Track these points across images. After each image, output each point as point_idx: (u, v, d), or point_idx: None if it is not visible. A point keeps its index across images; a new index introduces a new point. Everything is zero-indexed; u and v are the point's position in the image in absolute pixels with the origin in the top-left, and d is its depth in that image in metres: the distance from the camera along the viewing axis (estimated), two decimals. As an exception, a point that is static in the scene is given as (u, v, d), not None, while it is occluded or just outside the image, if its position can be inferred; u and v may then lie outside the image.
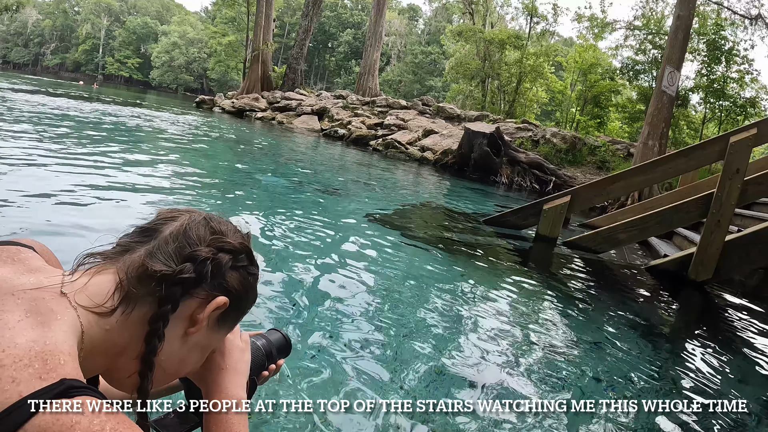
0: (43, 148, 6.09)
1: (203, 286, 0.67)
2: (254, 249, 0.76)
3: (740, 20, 19.25)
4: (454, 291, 3.59)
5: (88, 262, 0.65)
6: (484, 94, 27.28)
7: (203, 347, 0.72)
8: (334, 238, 4.54)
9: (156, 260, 0.64)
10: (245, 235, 0.75)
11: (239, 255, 0.71)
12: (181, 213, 0.71)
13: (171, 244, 0.66)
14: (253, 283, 0.74)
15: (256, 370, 0.82)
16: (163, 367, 0.67)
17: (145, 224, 0.70)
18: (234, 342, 0.78)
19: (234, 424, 0.71)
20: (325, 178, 8.65)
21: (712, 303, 5.01)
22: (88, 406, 0.50)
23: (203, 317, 0.67)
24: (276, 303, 2.78)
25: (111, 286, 0.62)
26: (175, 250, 0.66)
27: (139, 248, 0.66)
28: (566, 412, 2.20)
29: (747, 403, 2.63)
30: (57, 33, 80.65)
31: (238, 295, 0.71)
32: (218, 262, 0.67)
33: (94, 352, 0.61)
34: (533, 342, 2.94)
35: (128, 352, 0.64)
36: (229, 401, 0.73)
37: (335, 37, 63.86)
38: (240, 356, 0.78)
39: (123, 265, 0.64)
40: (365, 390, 2.07)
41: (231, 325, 0.74)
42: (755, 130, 5.17)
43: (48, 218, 3.44)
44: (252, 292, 0.74)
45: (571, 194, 6.25)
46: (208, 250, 0.67)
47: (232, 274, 0.70)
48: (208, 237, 0.69)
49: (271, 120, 23.15)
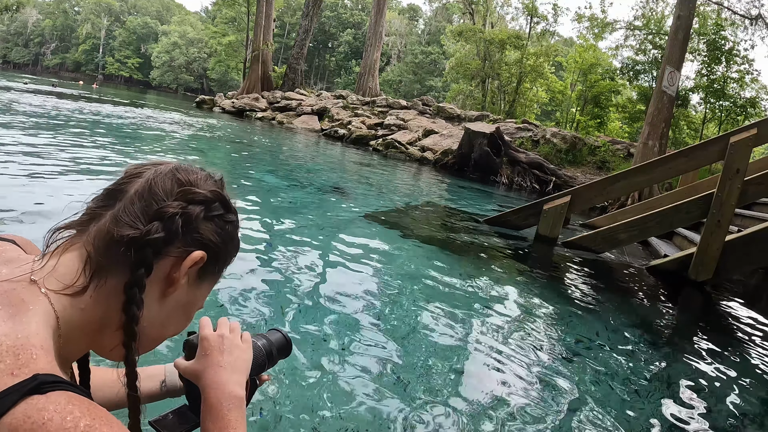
0: (39, 145, 6.10)
1: (176, 243, 0.63)
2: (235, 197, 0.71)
3: (740, 20, 19.27)
4: (454, 291, 3.59)
5: (57, 239, 0.62)
6: (484, 94, 27.29)
7: (186, 306, 0.69)
8: (334, 237, 4.54)
9: (122, 224, 0.60)
10: (218, 180, 0.71)
11: (212, 204, 0.66)
12: (147, 168, 0.66)
13: (137, 203, 0.62)
14: (232, 231, 0.70)
15: (256, 370, 0.81)
16: (146, 333, 0.65)
17: (111, 185, 0.65)
18: (234, 341, 0.77)
19: (231, 422, 0.69)
20: (325, 178, 8.65)
21: (712, 303, 5.01)
22: (62, 403, 0.48)
23: (180, 275, 0.64)
24: (276, 302, 2.77)
25: (79, 262, 0.60)
26: (141, 209, 0.62)
27: (105, 213, 0.62)
28: (566, 412, 2.20)
29: (747, 403, 2.63)
30: (57, 33, 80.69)
31: (216, 246, 0.67)
32: (189, 215, 0.63)
33: (74, 335, 0.59)
34: (533, 342, 2.94)
35: (109, 325, 0.62)
36: (228, 399, 0.71)
37: (335, 37, 63.89)
38: (240, 355, 0.76)
39: (89, 236, 0.61)
40: (365, 389, 2.07)
41: (214, 278, 0.71)
42: (755, 130, 5.17)
43: (40, 204, 3.44)
44: (231, 241, 0.70)
45: (571, 194, 6.25)
46: (176, 205, 0.63)
47: (206, 225, 0.66)
48: (176, 190, 0.64)
49: (271, 120, 23.16)
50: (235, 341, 0.77)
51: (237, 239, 0.72)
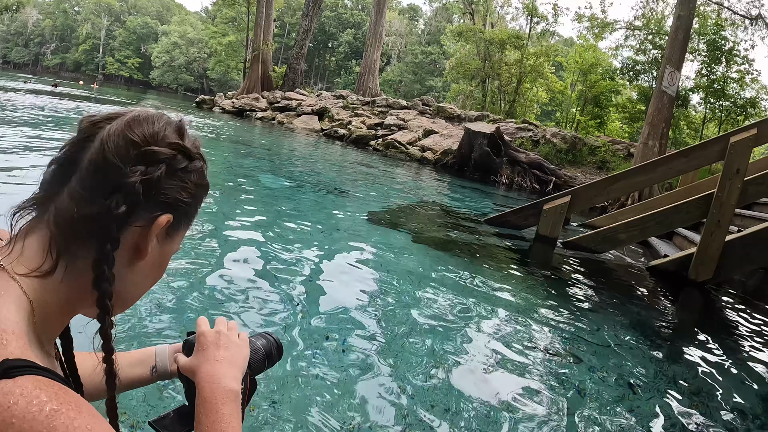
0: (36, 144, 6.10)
1: (140, 212, 0.60)
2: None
3: (740, 20, 19.26)
4: (454, 291, 3.59)
5: (19, 220, 0.61)
6: (484, 94, 27.29)
7: (159, 264, 0.67)
8: (334, 237, 4.54)
9: (81, 202, 0.58)
10: (178, 126, 0.65)
11: (173, 159, 0.62)
12: (99, 125, 0.62)
13: (92, 176, 0.59)
14: (198, 179, 0.66)
15: (256, 369, 0.81)
16: (122, 297, 0.64)
17: (62, 154, 0.61)
18: (231, 338, 0.77)
19: (225, 416, 0.68)
20: (325, 178, 8.65)
21: (712, 303, 5.01)
22: (28, 387, 0.48)
23: (149, 242, 0.62)
24: (276, 302, 2.78)
25: (44, 244, 0.59)
26: (98, 183, 0.58)
27: (62, 189, 0.59)
28: (566, 412, 2.20)
29: (747, 403, 2.63)
30: (57, 33, 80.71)
31: (183, 203, 0.64)
32: (149, 180, 0.60)
33: (50, 316, 0.59)
34: (533, 342, 2.94)
35: (83, 302, 0.61)
36: (222, 393, 0.70)
37: (335, 37, 63.88)
38: (236, 351, 0.76)
39: (50, 215, 0.59)
40: (365, 389, 2.07)
41: (186, 227, 0.69)
42: (755, 130, 5.17)
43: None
44: (199, 188, 0.67)
45: (571, 194, 6.25)
46: (135, 171, 0.59)
47: (170, 184, 0.62)
48: (132, 153, 0.60)
49: (272, 120, 23.16)
50: (232, 338, 0.77)
51: (205, 183, 0.69)
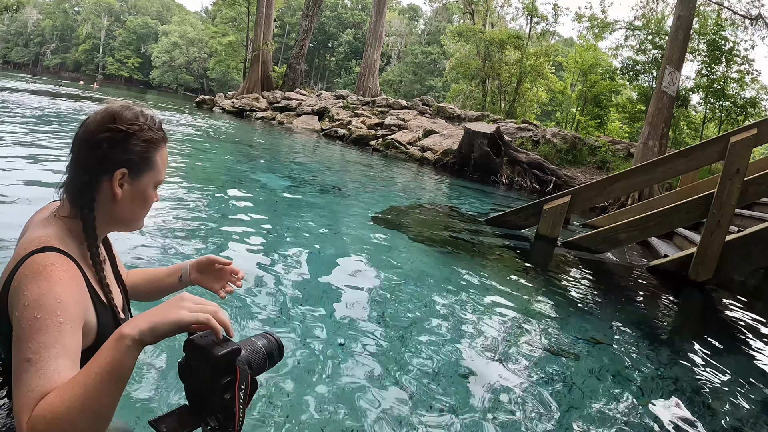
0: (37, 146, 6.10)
1: (102, 177, 0.90)
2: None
3: (740, 20, 19.24)
4: (454, 291, 3.59)
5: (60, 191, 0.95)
6: (485, 94, 27.27)
7: (139, 195, 0.95)
8: (334, 237, 4.54)
9: (70, 177, 0.92)
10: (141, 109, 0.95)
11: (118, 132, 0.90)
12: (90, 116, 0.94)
13: (75, 155, 0.92)
14: (144, 129, 0.93)
15: (257, 370, 0.81)
16: (123, 220, 0.97)
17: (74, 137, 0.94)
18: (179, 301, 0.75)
19: (102, 351, 0.72)
20: (325, 178, 8.65)
21: (712, 303, 5.01)
22: (51, 257, 0.82)
23: (116, 192, 0.91)
24: (275, 302, 2.78)
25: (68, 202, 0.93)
26: (77, 159, 0.91)
27: (68, 168, 0.94)
28: (566, 412, 2.20)
29: (747, 403, 2.63)
30: (57, 33, 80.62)
31: (137, 155, 0.92)
32: (102, 154, 0.89)
33: (77, 235, 0.92)
34: (533, 342, 2.94)
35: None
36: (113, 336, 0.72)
37: (335, 37, 63.84)
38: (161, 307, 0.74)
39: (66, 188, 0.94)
40: (366, 389, 2.07)
41: (150, 169, 0.94)
42: (755, 131, 5.17)
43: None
44: (147, 133, 0.93)
45: (571, 194, 6.26)
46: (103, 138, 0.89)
47: (118, 148, 0.90)
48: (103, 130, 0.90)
49: (272, 120, 23.15)
50: (179, 302, 0.75)
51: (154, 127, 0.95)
